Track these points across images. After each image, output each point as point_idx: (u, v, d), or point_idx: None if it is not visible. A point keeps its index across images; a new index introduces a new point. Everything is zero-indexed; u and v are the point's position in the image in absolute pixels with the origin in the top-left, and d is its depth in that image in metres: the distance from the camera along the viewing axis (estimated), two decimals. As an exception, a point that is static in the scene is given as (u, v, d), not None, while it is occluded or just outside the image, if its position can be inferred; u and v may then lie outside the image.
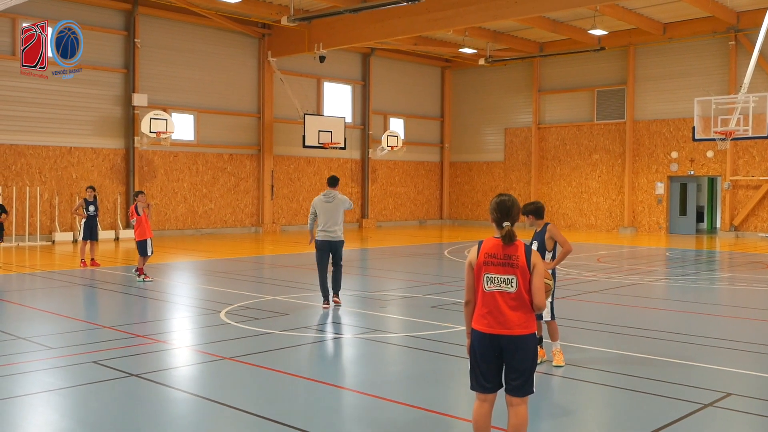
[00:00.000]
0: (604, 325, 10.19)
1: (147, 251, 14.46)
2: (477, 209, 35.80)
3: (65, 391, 6.84)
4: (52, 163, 23.82)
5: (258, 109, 29.23)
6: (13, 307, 11.59)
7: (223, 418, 6.14)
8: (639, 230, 30.63)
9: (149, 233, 14.62)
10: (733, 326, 10.60)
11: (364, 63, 33.07)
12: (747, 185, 28.20)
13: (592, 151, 31.92)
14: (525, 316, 4.72)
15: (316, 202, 11.49)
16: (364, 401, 6.66)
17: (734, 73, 27.51)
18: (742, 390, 7.03)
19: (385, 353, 8.74)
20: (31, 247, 21.88)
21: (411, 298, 12.67)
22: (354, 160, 32.76)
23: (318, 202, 11.45)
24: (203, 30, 27.33)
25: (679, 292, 14.29)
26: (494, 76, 34.94)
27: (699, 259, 20.65)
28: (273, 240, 25.82)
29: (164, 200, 26.55)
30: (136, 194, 15.06)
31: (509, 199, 4.87)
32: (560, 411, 6.45)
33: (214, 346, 8.77)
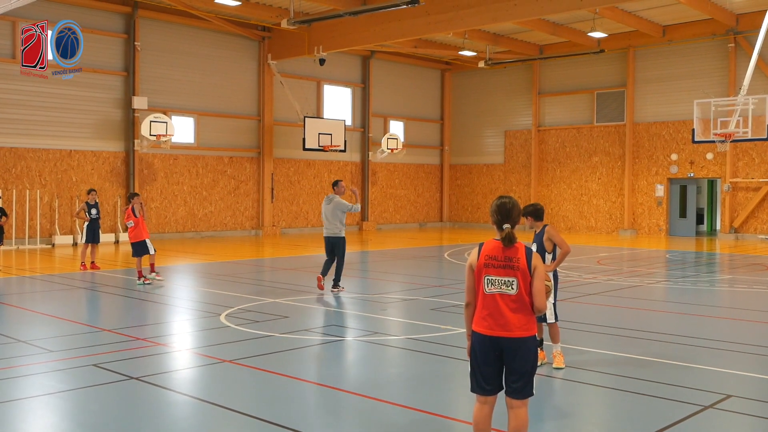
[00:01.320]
0: (605, 327, 10.18)
1: (149, 250, 14.55)
2: (477, 212, 35.80)
3: (65, 394, 6.83)
4: (52, 166, 23.82)
5: (258, 112, 29.25)
6: (13, 310, 11.58)
7: (223, 421, 6.14)
8: (639, 232, 30.63)
9: (147, 234, 14.72)
10: (734, 328, 10.60)
11: (364, 66, 33.10)
12: (747, 187, 28.20)
13: (591, 153, 31.93)
14: (525, 318, 4.72)
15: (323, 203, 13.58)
16: (365, 404, 6.66)
17: (734, 75, 27.53)
18: (742, 392, 7.03)
19: (385, 356, 8.74)
20: (31, 250, 21.88)
21: (411, 301, 12.67)
22: (354, 162, 32.76)
23: (323, 203, 13.50)
24: (203, 33, 27.35)
25: (679, 294, 14.29)
26: (494, 79, 34.96)
27: (699, 261, 20.65)
28: (273, 243, 25.82)
29: (164, 203, 26.55)
30: (132, 196, 15.04)
31: (510, 201, 4.87)
32: (561, 413, 6.44)
33: (214, 349, 8.77)
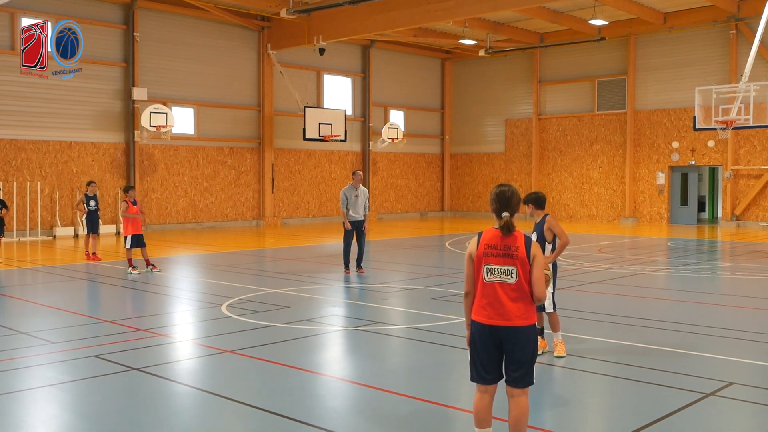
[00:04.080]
0: (606, 316, 10.18)
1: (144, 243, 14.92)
2: (478, 201, 35.77)
3: (67, 386, 6.84)
4: (53, 158, 23.80)
5: (258, 102, 29.19)
6: (14, 302, 11.60)
7: (224, 412, 6.14)
8: (640, 220, 30.60)
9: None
10: (735, 315, 10.60)
11: (364, 55, 32.99)
12: (748, 175, 28.15)
13: (592, 141, 31.87)
14: (525, 307, 4.71)
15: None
16: (366, 393, 6.66)
17: (735, 62, 27.43)
18: (743, 379, 7.02)
19: (386, 345, 8.75)
20: (32, 242, 21.89)
21: (412, 290, 12.67)
22: (354, 152, 32.72)
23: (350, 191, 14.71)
24: (202, 23, 27.26)
25: (681, 281, 14.28)
26: (495, 67, 34.85)
27: (700, 249, 20.63)
28: (274, 233, 25.82)
29: (165, 194, 26.54)
30: (128, 188, 15.27)
31: (509, 189, 4.84)
32: (562, 401, 6.44)
33: (215, 339, 8.78)
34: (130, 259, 14.63)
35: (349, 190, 14.56)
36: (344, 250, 14.67)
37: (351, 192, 14.54)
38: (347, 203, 14.51)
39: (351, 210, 14.49)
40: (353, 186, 14.60)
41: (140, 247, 14.74)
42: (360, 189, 14.64)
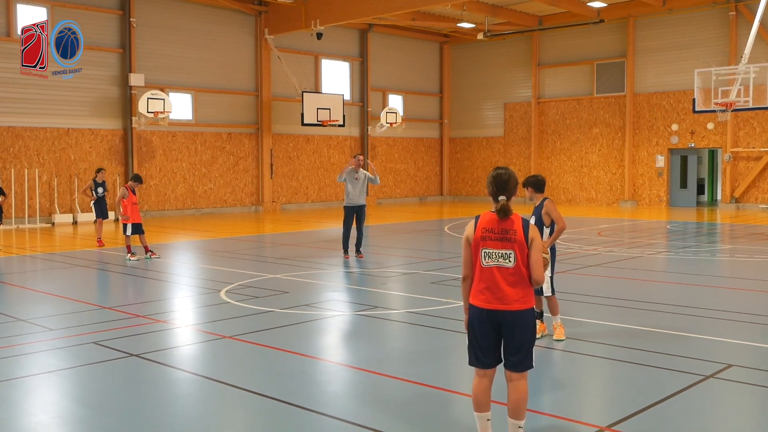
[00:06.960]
0: (605, 299, 10.18)
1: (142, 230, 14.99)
2: (477, 185, 35.73)
3: (66, 372, 6.85)
4: (50, 145, 23.73)
5: (256, 88, 29.07)
6: (13, 289, 11.60)
7: (224, 397, 6.15)
8: (639, 203, 30.58)
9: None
10: (734, 298, 10.60)
11: (361, 39, 32.84)
12: (748, 157, 28.10)
13: (592, 124, 31.79)
14: (523, 291, 4.69)
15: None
16: (365, 378, 6.67)
17: (734, 43, 27.31)
18: (743, 361, 7.03)
19: (385, 330, 8.75)
20: (31, 230, 21.87)
21: (411, 275, 12.67)
22: (353, 137, 32.64)
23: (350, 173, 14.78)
24: (199, 8, 27.10)
25: (680, 264, 14.28)
26: (493, 51, 34.70)
27: (700, 232, 20.63)
28: (273, 219, 25.80)
29: (163, 180, 26.49)
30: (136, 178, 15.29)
31: (506, 172, 4.80)
32: (561, 385, 6.45)
33: (214, 325, 8.78)
34: (128, 246, 14.66)
35: (349, 172, 14.67)
36: (343, 235, 14.71)
37: (351, 174, 14.65)
38: (345, 179, 14.67)
39: (351, 193, 14.59)
40: (354, 169, 14.69)
41: (139, 234, 14.77)
42: (360, 172, 14.73)
